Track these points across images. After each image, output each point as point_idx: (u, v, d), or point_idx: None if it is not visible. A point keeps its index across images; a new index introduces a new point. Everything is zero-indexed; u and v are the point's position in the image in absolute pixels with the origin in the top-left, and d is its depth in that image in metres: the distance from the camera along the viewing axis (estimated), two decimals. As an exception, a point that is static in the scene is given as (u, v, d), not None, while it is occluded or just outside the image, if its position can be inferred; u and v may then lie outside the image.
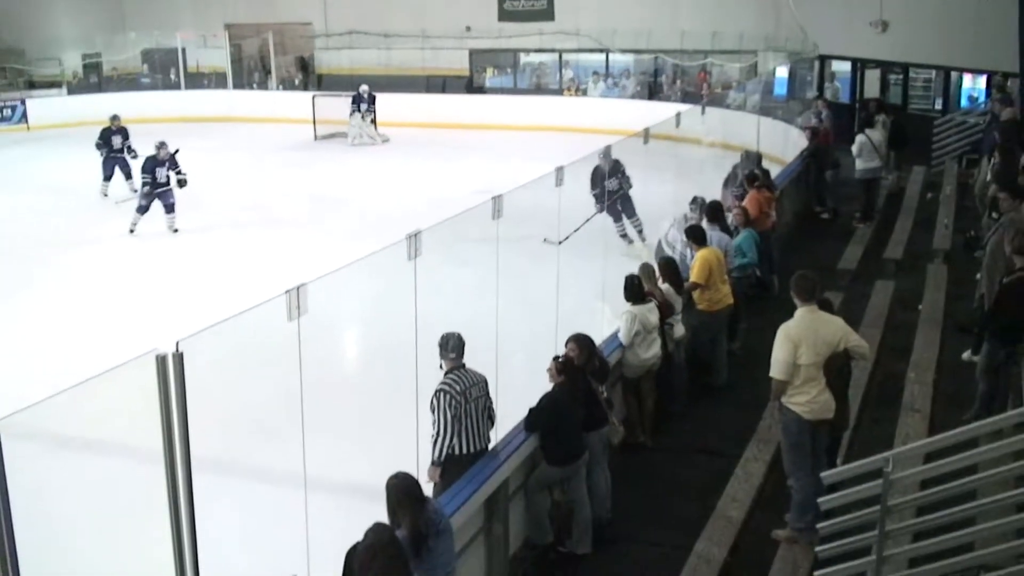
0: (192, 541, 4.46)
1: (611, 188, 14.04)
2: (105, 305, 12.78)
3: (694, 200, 12.29)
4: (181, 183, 16.61)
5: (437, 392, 6.82)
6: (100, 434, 8.32)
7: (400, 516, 5.18)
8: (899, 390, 8.92)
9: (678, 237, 12.54)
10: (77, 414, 5.87)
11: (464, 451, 6.84)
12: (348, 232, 15.41)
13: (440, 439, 6.82)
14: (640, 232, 14.84)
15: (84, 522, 7.30)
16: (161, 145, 16.64)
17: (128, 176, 18.82)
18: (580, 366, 7.43)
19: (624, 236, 15.04)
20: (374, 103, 25.64)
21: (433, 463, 6.86)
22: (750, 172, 12.98)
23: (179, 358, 4.24)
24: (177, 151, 17.28)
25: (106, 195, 18.68)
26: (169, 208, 16.48)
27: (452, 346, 6.95)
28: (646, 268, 9.04)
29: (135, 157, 18.36)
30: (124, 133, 19.31)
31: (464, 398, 6.82)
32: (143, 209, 16.45)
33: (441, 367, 6.96)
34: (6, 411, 3.68)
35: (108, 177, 19.09)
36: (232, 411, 8.71)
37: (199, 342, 4.35)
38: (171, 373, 4.26)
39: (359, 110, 25.31)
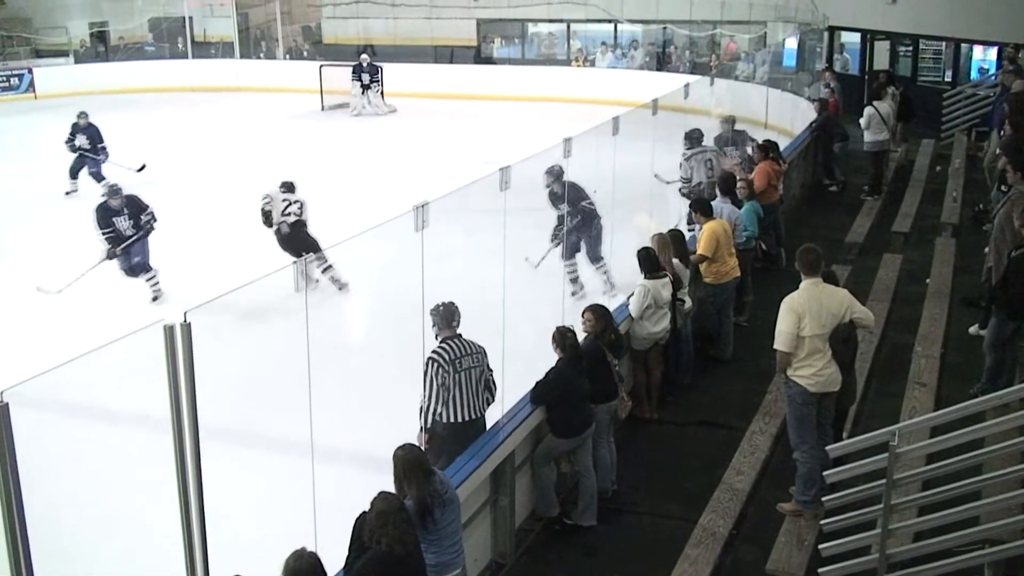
0: (200, 510, 4.49)
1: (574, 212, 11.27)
2: (108, 271, 12.74)
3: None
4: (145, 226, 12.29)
5: (427, 361, 6.86)
6: (109, 403, 8.35)
7: (407, 487, 5.20)
8: (906, 363, 8.92)
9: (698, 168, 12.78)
10: (86, 383, 5.91)
11: (453, 419, 6.87)
12: (355, 203, 15.35)
13: (426, 406, 6.88)
14: (607, 278, 11.35)
15: (92, 490, 7.34)
16: (112, 191, 12.28)
17: (98, 179, 16.87)
18: (593, 337, 7.46)
19: (574, 281, 11.42)
20: (377, 73, 25.50)
21: (421, 429, 6.91)
22: (762, 143, 12.93)
23: (187, 328, 4.25)
24: (143, 167, 17.12)
25: (67, 193, 17.42)
26: (139, 269, 12.18)
27: (444, 315, 6.97)
28: (661, 240, 9.00)
29: (105, 159, 17.35)
30: (92, 133, 17.52)
31: (453, 367, 6.83)
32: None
33: (436, 336, 6.98)
34: (13, 380, 3.70)
35: (74, 175, 17.48)
36: (240, 381, 8.72)
37: (207, 312, 4.35)
38: (179, 343, 4.27)
39: (360, 80, 25.19)
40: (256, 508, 7.08)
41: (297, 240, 11.57)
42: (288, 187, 12.36)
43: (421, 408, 6.90)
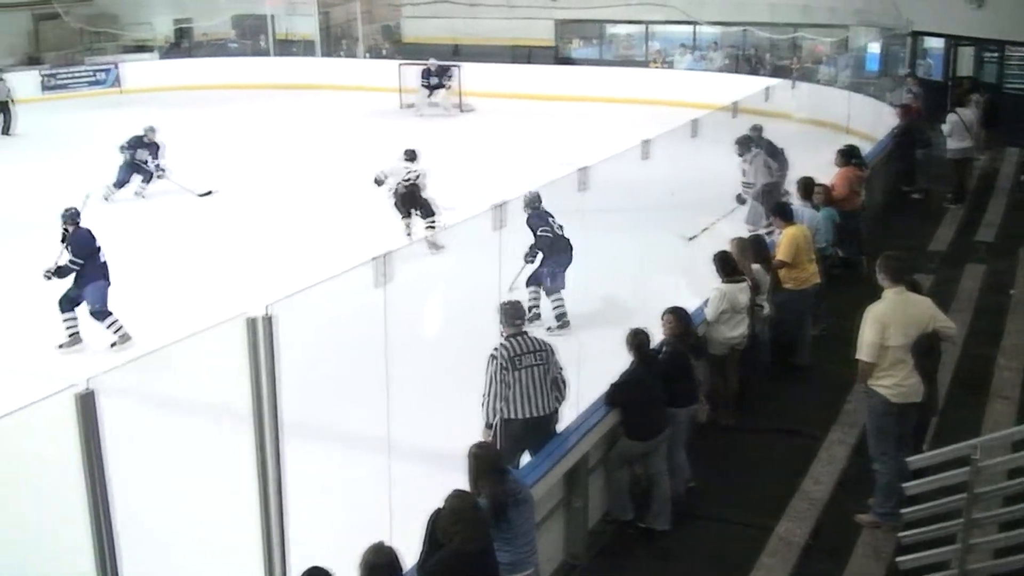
0: (279, 502, 4.53)
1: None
2: (194, 265, 13.00)
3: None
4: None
5: (488, 357, 6.89)
6: (191, 394, 8.47)
7: (481, 485, 5.20)
8: (988, 376, 8.73)
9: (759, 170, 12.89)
10: (169, 373, 6.00)
11: (514, 415, 6.86)
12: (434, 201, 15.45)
13: (485, 401, 6.90)
14: (560, 317, 10.24)
15: (173, 479, 7.44)
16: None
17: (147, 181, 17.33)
18: (675, 339, 7.41)
19: (532, 308, 10.33)
20: (444, 75, 25.50)
21: (486, 425, 6.93)
22: (845, 148, 12.73)
23: (269, 321, 4.28)
24: (208, 192, 16.94)
25: (106, 199, 16.92)
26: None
27: (508, 312, 6.99)
28: (741, 243, 8.89)
29: (161, 176, 17.20)
30: (154, 150, 17.44)
31: (512, 364, 6.82)
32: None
33: (501, 333, 6.99)
34: (100, 368, 3.76)
35: (120, 184, 17.19)
36: (318, 375, 8.80)
37: (288, 306, 4.39)
38: (261, 336, 4.31)
39: (428, 84, 25.20)
40: (332, 502, 7.12)
41: (411, 199, 13.30)
42: (411, 156, 13.66)
43: (482, 403, 6.94)
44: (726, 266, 8.46)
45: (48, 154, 20.81)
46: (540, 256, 10.29)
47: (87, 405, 3.69)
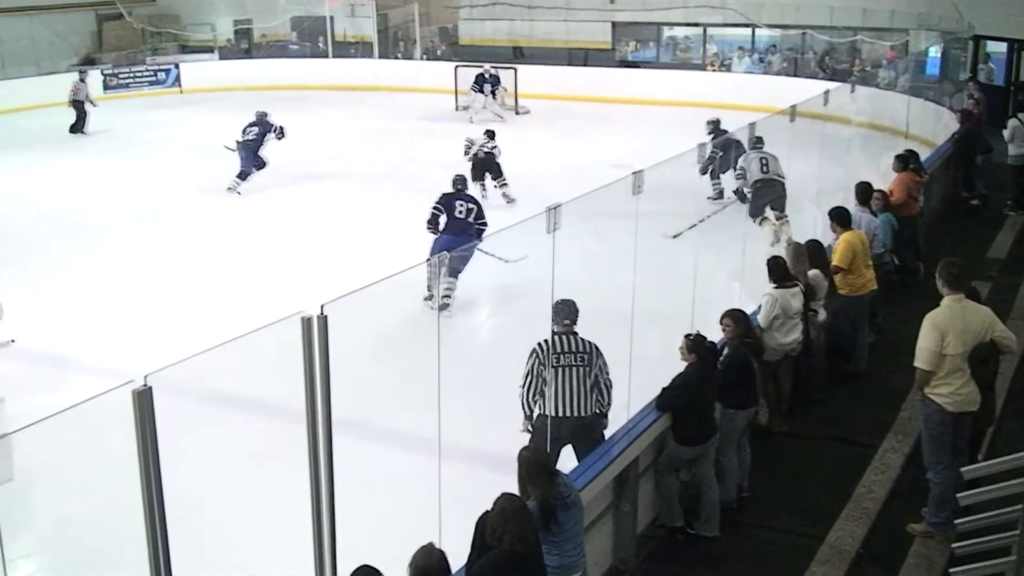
0: (330, 501, 4.57)
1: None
2: (249, 263, 13.16)
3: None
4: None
5: (531, 351, 6.94)
6: (244, 391, 8.58)
7: (530, 488, 5.21)
8: (1047, 386, 8.59)
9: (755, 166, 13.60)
10: (224, 371, 6.08)
11: (551, 413, 6.87)
12: (487, 203, 15.50)
13: (522, 393, 6.97)
14: (448, 294, 10.79)
15: (225, 477, 7.54)
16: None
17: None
18: (737, 342, 7.40)
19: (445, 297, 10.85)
20: (499, 84, 25.48)
21: (524, 417, 7.01)
22: (903, 154, 12.58)
23: (323, 321, 4.33)
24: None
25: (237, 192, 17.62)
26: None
27: (557, 310, 7.01)
28: (796, 249, 8.83)
29: (282, 136, 17.75)
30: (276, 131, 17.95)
31: (550, 361, 6.85)
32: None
33: (553, 331, 7.00)
34: (155, 366, 3.82)
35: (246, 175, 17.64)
36: (370, 375, 8.87)
37: (343, 305, 4.43)
38: (315, 335, 4.35)
39: (482, 90, 25.17)
40: (381, 502, 7.17)
41: (485, 164, 16.58)
42: (490, 135, 17.08)
43: (519, 395, 7.00)
44: (778, 271, 8.41)
45: (112, 154, 21.16)
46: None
47: (144, 401, 3.75)
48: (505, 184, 16.74)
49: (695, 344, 7.03)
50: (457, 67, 27.11)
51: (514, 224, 6.20)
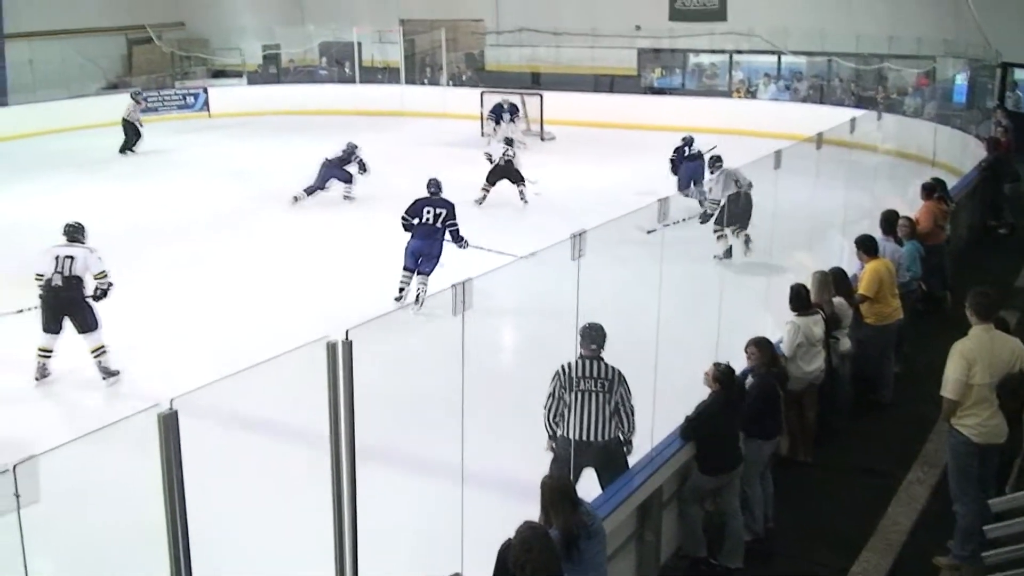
0: (352, 528, 4.57)
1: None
2: (274, 288, 13.23)
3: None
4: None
5: (554, 372, 6.98)
6: (266, 416, 8.60)
7: (553, 516, 5.19)
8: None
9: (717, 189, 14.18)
10: (248, 395, 6.10)
11: (573, 436, 6.86)
12: (511, 229, 15.54)
13: (545, 413, 7.02)
14: (421, 293, 12.26)
15: (249, 501, 7.55)
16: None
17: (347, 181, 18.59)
18: (764, 370, 7.36)
19: (401, 289, 12.57)
20: (516, 112, 25.55)
21: (548, 436, 7.07)
22: (929, 182, 12.53)
23: (348, 346, 4.34)
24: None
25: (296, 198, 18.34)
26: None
27: (582, 333, 6.99)
28: (822, 277, 8.80)
29: (364, 171, 18.45)
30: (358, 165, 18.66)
31: (570, 384, 6.85)
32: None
33: (580, 354, 6.99)
34: (181, 389, 3.84)
35: (312, 191, 18.33)
36: (392, 401, 8.88)
37: (367, 331, 4.44)
38: (340, 360, 4.36)
39: (499, 120, 25.04)
40: (403, 529, 7.17)
41: (505, 171, 18.06)
42: (509, 142, 18.74)
43: (544, 413, 7.04)
44: (800, 299, 8.38)
45: (143, 178, 21.29)
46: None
47: (169, 425, 3.77)
48: (523, 187, 18.10)
49: (721, 374, 7.00)
50: (483, 93, 27.20)
51: (539, 251, 6.21)
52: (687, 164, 17.37)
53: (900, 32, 26.03)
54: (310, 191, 18.22)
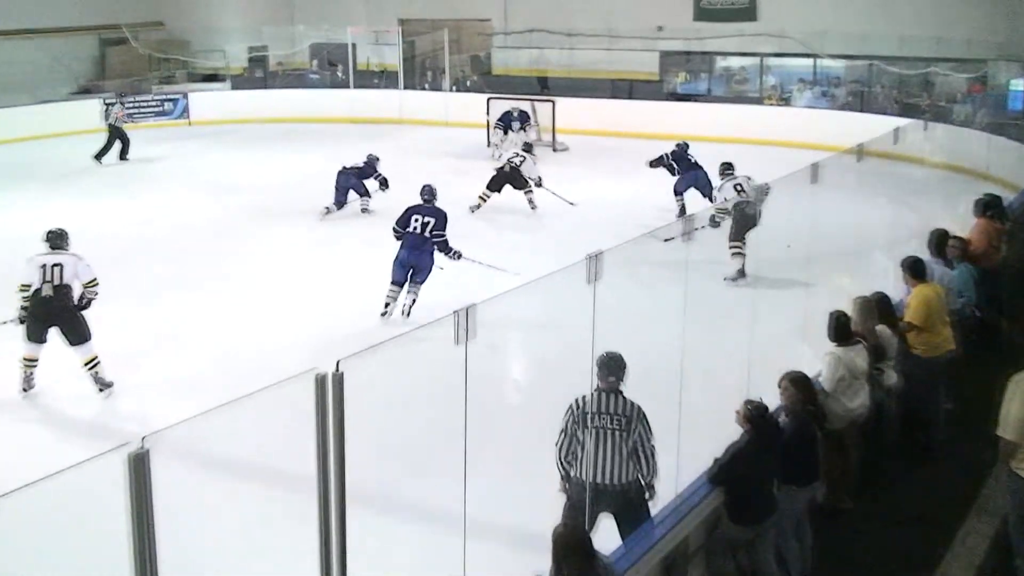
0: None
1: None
2: (262, 311, 13.21)
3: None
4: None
5: (567, 406, 6.90)
6: (250, 455, 8.55)
7: (566, 570, 5.13)
8: None
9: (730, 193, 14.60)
10: (228, 433, 6.06)
11: (587, 478, 6.78)
12: (521, 249, 15.50)
13: (557, 452, 6.92)
14: (410, 303, 12.95)
15: (226, 549, 7.49)
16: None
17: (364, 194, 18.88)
18: (798, 408, 7.29)
19: (387, 304, 13.00)
20: (527, 121, 25.56)
21: (561, 477, 6.97)
22: (983, 199, 12.47)
23: (339, 379, 4.29)
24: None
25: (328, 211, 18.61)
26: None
27: (598, 364, 6.90)
28: (865, 303, 8.74)
29: (385, 188, 18.62)
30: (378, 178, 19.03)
31: (583, 421, 6.77)
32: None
33: (597, 387, 6.92)
34: (156, 425, 3.80)
35: (341, 204, 18.73)
36: (387, 439, 8.83)
37: (360, 362, 4.39)
38: (330, 394, 4.31)
39: (508, 129, 24.99)
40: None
41: (509, 176, 18.59)
42: (528, 148, 19.82)
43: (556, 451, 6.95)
44: (840, 328, 8.30)
45: (118, 191, 21.26)
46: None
47: (139, 467, 3.71)
48: (531, 191, 18.76)
49: (753, 413, 6.92)
50: (489, 99, 27.17)
51: (550, 273, 6.17)
52: (688, 173, 17.91)
53: (948, 33, 26.08)
54: (340, 204, 18.56)
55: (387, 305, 12.89)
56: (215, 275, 15.03)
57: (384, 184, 18.67)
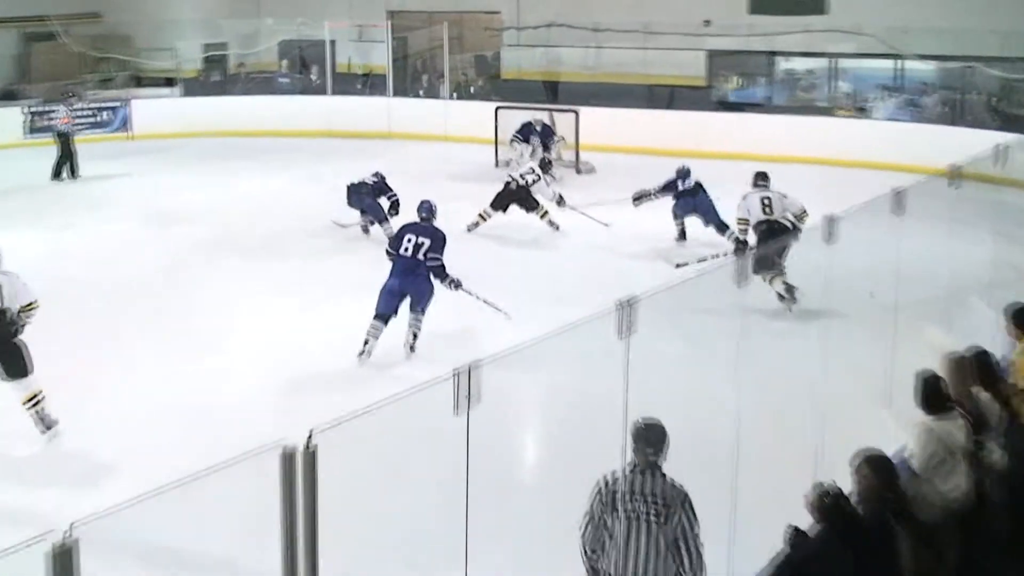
0: None
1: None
2: (214, 367, 13.18)
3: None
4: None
5: (594, 483, 6.86)
6: (202, 545, 8.53)
7: None
8: None
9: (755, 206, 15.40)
10: (172, 520, 6.04)
11: (609, 572, 6.75)
12: (535, 294, 15.48)
13: (580, 537, 6.87)
14: (412, 334, 13.53)
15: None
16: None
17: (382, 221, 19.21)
18: (873, 500, 7.24)
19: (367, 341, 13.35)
20: (551, 137, 25.69)
21: (586, 570, 6.92)
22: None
23: (311, 455, 4.28)
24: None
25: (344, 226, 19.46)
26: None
27: (634, 435, 6.83)
28: (959, 363, 8.70)
29: (396, 213, 18.86)
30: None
31: (612, 504, 6.72)
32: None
33: (632, 464, 6.88)
34: (86, 510, 3.78)
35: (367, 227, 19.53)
36: (369, 526, 8.80)
37: (338, 433, 4.39)
38: (299, 474, 4.31)
39: (529, 144, 25.12)
40: None
41: (517, 196, 19.54)
42: (545, 165, 20.97)
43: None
44: (933, 394, 8.25)
45: (34, 224, 21.19)
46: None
47: (65, 562, 3.70)
48: (546, 212, 19.70)
49: (828, 503, 6.86)
50: (498, 109, 27.28)
51: (572, 324, 6.16)
52: (684, 199, 18.84)
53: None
54: (375, 221, 19.15)
55: (366, 343, 13.10)
56: (158, 322, 15.01)
57: (395, 207, 18.93)
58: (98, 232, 20.32)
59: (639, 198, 19.36)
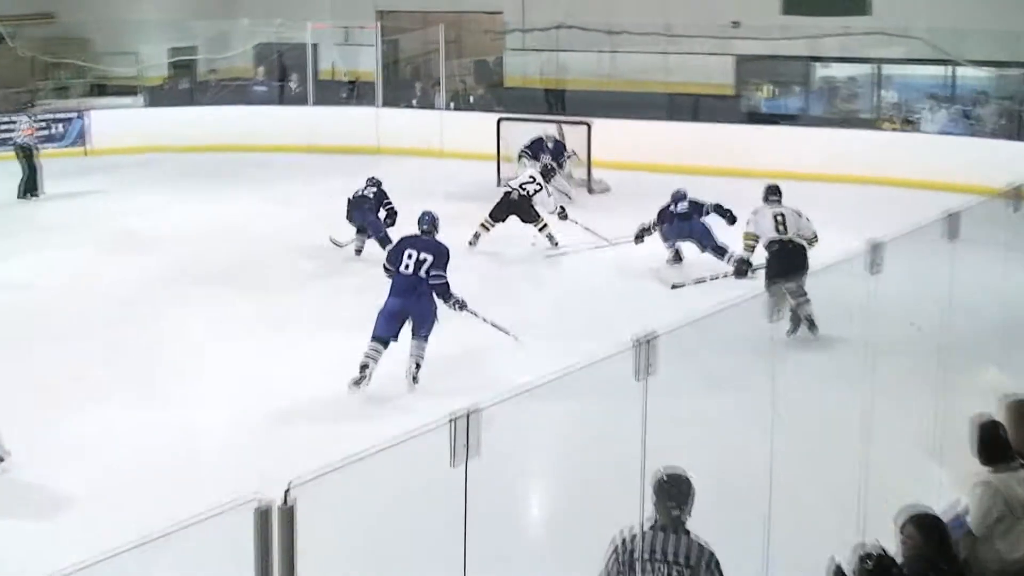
0: None
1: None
2: (180, 412, 13.19)
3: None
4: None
5: (611, 540, 6.87)
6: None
7: None
8: None
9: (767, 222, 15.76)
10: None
11: None
12: (543, 330, 15.49)
13: None
14: (414, 363, 13.61)
15: None
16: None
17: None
18: (921, 565, 7.22)
19: (364, 367, 13.38)
20: (563, 153, 25.72)
21: None
22: None
23: (288, 512, 4.29)
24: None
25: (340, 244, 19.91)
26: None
27: (656, 489, 6.87)
28: (1019, 408, 8.69)
29: (391, 224, 19.31)
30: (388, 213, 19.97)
31: (629, 565, 6.75)
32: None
33: (654, 520, 6.90)
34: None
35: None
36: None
37: (318, 487, 4.40)
38: (275, 533, 4.31)
39: (537, 160, 24.81)
40: None
41: (517, 206, 20.11)
42: (547, 172, 21.43)
43: None
44: (994, 444, 8.24)
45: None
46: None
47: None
48: (545, 225, 20.13)
49: (872, 570, 6.85)
50: (501, 120, 27.33)
51: (583, 365, 6.16)
52: (676, 224, 19.14)
53: None
54: (382, 241, 19.00)
55: (363, 368, 13.13)
56: (119, 359, 15.04)
57: (392, 218, 19.41)
58: (49, 258, 20.28)
59: (640, 236, 19.52)
